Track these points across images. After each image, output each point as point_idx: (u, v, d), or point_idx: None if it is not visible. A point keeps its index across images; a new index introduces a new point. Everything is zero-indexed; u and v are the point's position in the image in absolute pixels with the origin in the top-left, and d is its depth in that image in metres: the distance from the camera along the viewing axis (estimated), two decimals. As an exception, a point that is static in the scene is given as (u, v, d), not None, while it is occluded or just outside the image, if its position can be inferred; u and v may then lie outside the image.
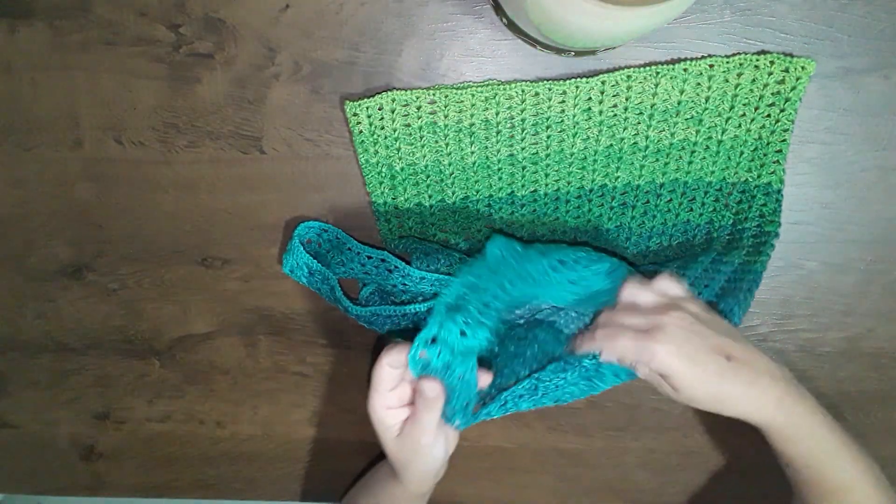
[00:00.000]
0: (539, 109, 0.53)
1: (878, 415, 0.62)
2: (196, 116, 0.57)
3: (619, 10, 0.39)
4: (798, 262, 0.58)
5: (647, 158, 0.55)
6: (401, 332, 0.56)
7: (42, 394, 0.67)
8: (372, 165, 0.56)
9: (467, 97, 0.53)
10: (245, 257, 0.61)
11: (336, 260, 0.56)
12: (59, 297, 0.64)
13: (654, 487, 0.66)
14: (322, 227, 0.58)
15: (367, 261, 0.55)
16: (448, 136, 0.54)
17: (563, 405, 0.63)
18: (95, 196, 0.60)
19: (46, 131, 0.58)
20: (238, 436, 0.67)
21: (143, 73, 0.56)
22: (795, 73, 0.51)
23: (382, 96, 0.53)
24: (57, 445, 0.69)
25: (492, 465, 0.66)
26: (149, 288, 0.63)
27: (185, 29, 0.55)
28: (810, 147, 0.55)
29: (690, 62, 0.52)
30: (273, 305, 0.62)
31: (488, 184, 0.56)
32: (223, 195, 0.59)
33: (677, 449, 0.64)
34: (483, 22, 0.54)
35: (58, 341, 0.65)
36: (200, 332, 0.64)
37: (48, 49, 0.56)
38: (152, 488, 0.70)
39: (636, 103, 0.53)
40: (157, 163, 0.59)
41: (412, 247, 0.56)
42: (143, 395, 0.66)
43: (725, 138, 0.54)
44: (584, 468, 0.66)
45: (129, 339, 0.65)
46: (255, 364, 0.65)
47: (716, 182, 0.55)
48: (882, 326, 0.59)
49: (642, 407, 0.63)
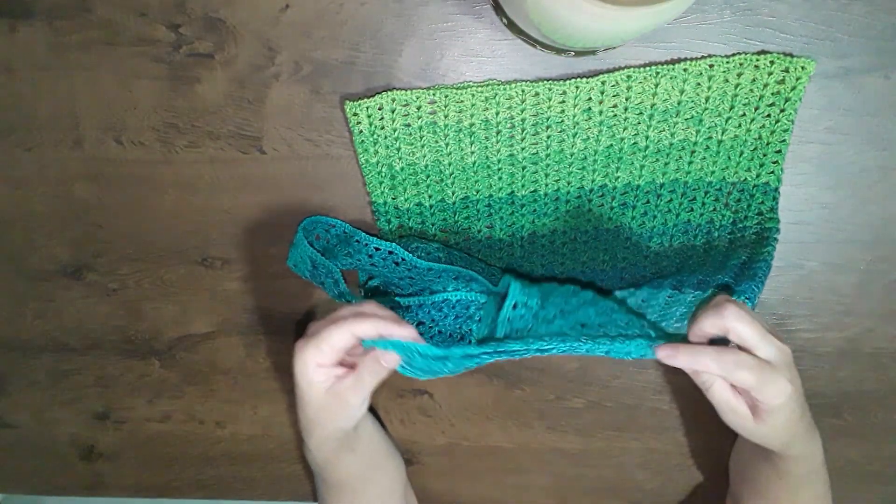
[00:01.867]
0: (539, 109, 0.53)
1: (878, 415, 0.62)
2: (196, 116, 0.57)
3: (619, 10, 0.39)
4: (798, 262, 0.58)
5: (647, 158, 0.55)
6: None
7: (42, 394, 0.67)
8: (372, 165, 0.56)
9: (467, 97, 0.53)
10: (245, 257, 0.61)
11: (343, 251, 0.56)
12: (59, 297, 0.64)
13: (654, 487, 0.66)
14: (330, 223, 0.58)
15: (374, 252, 0.55)
16: (448, 136, 0.54)
17: (563, 405, 0.64)
18: (95, 196, 0.60)
19: (46, 131, 0.58)
20: (238, 436, 0.67)
21: (143, 73, 0.56)
22: (795, 73, 0.51)
23: (382, 96, 0.53)
24: (57, 445, 0.69)
25: (492, 465, 0.66)
26: (149, 288, 0.63)
27: (185, 29, 0.55)
28: (810, 147, 0.55)
29: (690, 62, 0.52)
30: (273, 305, 0.62)
31: (488, 184, 0.56)
32: (223, 195, 0.59)
33: (677, 449, 0.64)
34: (483, 22, 0.54)
35: (58, 341, 0.65)
36: (200, 332, 0.64)
37: (48, 49, 0.56)
38: (152, 488, 0.70)
39: (636, 103, 0.53)
40: (157, 163, 0.59)
41: (412, 247, 0.56)
42: (143, 395, 0.66)
43: (725, 138, 0.54)
44: (584, 468, 0.66)
45: (129, 339, 0.65)
46: (255, 364, 0.65)
47: (716, 182, 0.55)
48: (882, 326, 0.59)
49: (642, 407, 0.63)
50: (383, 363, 0.44)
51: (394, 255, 0.55)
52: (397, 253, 0.55)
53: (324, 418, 0.47)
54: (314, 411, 0.47)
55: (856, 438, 0.62)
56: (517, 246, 0.58)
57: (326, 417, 0.47)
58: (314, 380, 0.45)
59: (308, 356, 0.45)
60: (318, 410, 0.47)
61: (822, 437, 0.64)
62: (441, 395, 0.64)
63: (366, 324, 0.44)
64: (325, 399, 0.46)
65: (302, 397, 0.47)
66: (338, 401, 0.46)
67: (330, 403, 0.46)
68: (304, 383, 0.46)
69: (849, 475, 0.64)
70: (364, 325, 0.44)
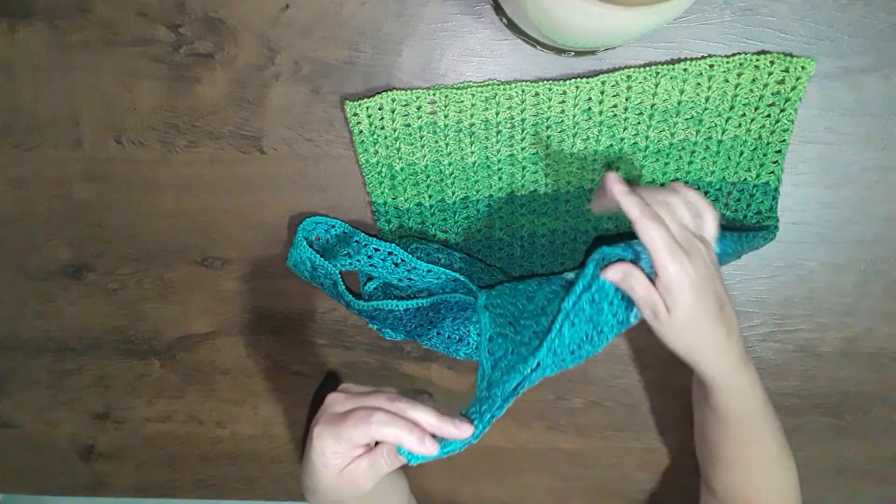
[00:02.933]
0: (539, 109, 0.53)
1: (878, 415, 0.62)
2: (196, 116, 0.57)
3: (619, 10, 0.39)
4: (798, 262, 0.58)
5: (647, 158, 0.55)
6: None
7: (42, 394, 0.67)
8: (372, 165, 0.56)
9: (467, 97, 0.53)
10: (245, 257, 0.61)
11: (343, 252, 0.56)
12: (59, 297, 0.64)
13: (654, 487, 0.66)
14: (329, 223, 0.58)
15: (374, 253, 0.55)
16: (448, 136, 0.54)
17: (563, 405, 0.64)
18: (95, 196, 0.60)
19: (46, 131, 0.58)
20: (238, 436, 0.67)
21: (143, 73, 0.56)
22: (795, 73, 0.51)
23: (382, 96, 0.53)
24: (57, 445, 0.69)
25: (492, 465, 0.66)
26: (149, 288, 0.63)
27: (185, 29, 0.55)
28: (810, 147, 0.55)
29: (690, 62, 0.52)
30: (273, 305, 0.62)
31: (488, 184, 0.56)
32: (223, 195, 0.59)
33: (677, 449, 0.64)
34: (483, 22, 0.54)
35: (58, 341, 0.65)
36: (200, 332, 0.64)
37: (48, 49, 0.56)
38: (152, 488, 0.70)
39: (636, 103, 0.53)
40: (157, 163, 0.59)
41: (412, 247, 0.56)
42: (143, 395, 0.66)
43: (725, 138, 0.54)
44: (584, 468, 0.66)
45: (129, 339, 0.65)
46: (255, 364, 0.65)
47: (716, 182, 0.55)
48: (882, 326, 0.59)
49: (642, 407, 0.63)
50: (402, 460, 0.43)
51: (393, 256, 0.55)
52: (397, 253, 0.55)
53: (332, 494, 0.47)
54: (324, 487, 0.46)
55: (856, 438, 0.62)
56: (517, 246, 0.58)
57: (335, 493, 0.47)
58: (331, 463, 0.44)
59: (328, 445, 0.43)
60: (328, 488, 0.46)
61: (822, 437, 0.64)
62: (441, 396, 0.64)
63: (390, 430, 0.42)
64: (337, 479, 0.45)
65: (313, 473, 0.46)
66: (350, 482, 0.45)
67: (342, 483, 0.45)
68: (319, 465, 0.45)
69: (849, 475, 0.64)
70: (388, 430, 0.42)
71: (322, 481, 0.46)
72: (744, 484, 0.53)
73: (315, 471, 0.45)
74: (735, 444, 0.52)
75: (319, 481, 0.46)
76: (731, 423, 0.51)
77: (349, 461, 0.45)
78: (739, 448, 0.52)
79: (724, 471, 0.54)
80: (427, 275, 0.54)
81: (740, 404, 0.50)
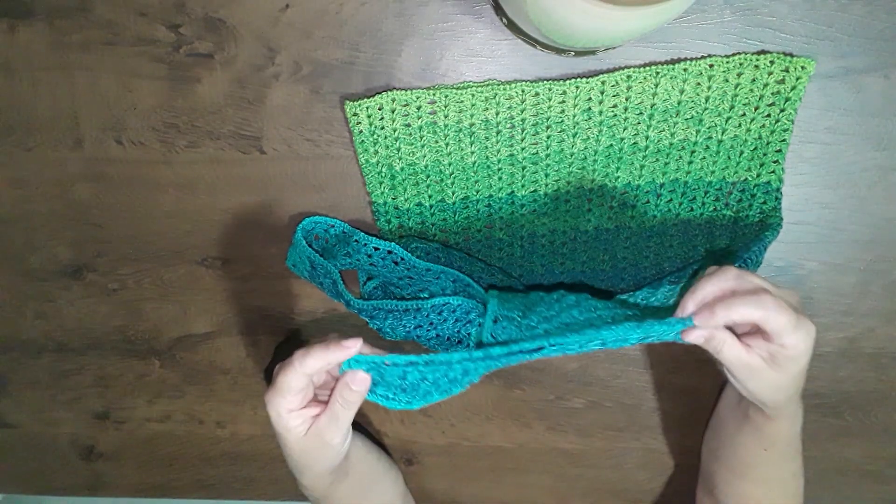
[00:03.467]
0: (539, 109, 0.53)
1: (878, 415, 0.62)
2: (196, 116, 0.57)
3: (619, 10, 0.39)
4: (798, 262, 0.58)
5: (647, 158, 0.55)
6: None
7: (42, 394, 0.67)
8: (372, 165, 0.56)
9: (467, 97, 0.53)
10: (245, 257, 0.61)
11: (342, 251, 0.56)
12: (59, 297, 0.64)
13: (654, 487, 0.66)
14: (329, 223, 0.58)
15: (373, 252, 0.55)
16: (448, 136, 0.54)
17: (563, 405, 0.64)
18: (95, 196, 0.60)
19: (46, 131, 0.58)
20: (238, 436, 0.67)
21: (143, 73, 0.56)
22: (795, 72, 0.51)
23: (382, 96, 0.53)
24: (57, 445, 0.69)
25: (492, 465, 0.66)
26: (149, 288, 0.63)
27: (185, 29, 0.55)
28: (810, 147, 0.55)
29: (690, 62, 0.52)
30: (273, 305, 0.62)
31: (488, 184, 0.56)
32: (223, 195, 0.59)
33: (677, 449, 0.64)
34: (483, 22, 0.54)
35: (58, 341, 0.65)
36: (200, 332, 0.64)
37: (48, 49, 0.56)
38: (152, 488, 0.70)
39: (636, 103, 0.53)
40: (157, 163, 0.59)
41: (412, 247, 0.56)
42: (143, 395, 0.66)
43: (725, 138, 0.54)
44: (584, 468, 0.66)
45: (129, 339, 0.65)
46: (255, 364, 0.65)
47: (716, 182, 0.55)
48: (882, 326, 0.59)
49: (642, 407, 0.63)
50: (352, 388, 0.44)
51: (393, 255, 0.55)
52: (396, 252, 0.55)
53: (310, 460, 0.48)
54: (298, 455, 0.47)
55: (856, 438, 0.63)
56: (517, 246, 0.58)
57: (312, 459, 0.48)
58: (290, 425, 0.45)
59: (276, 404, 0.45)
60: (301, 454, 0.47)
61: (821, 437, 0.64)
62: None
63: (311, 357, 0.44)
64: (307, 442, 0.46)
65: (284, 444, 0.47)
66: (319, 441, 0.46)
67: (312, 445, 0.47)
68: (282, 431, 0.46)
69: (849, 475, 0.64)
70: (310, 359, 0.44)
71: (294, 449, 0.47)
72: (760, 499, 0.53)
73: (285, 442, 0.47)
74: (772, 463, 0.52)
75: (292, 450, 0.47)
76: (779, 446, 0.51)
77: (309, 422, 0.46)
78: (773, 467, 0.52)
79: (746, 485, 0.54)
80: (426, 273, 0.54)
81: (792, 429, 0.51)
